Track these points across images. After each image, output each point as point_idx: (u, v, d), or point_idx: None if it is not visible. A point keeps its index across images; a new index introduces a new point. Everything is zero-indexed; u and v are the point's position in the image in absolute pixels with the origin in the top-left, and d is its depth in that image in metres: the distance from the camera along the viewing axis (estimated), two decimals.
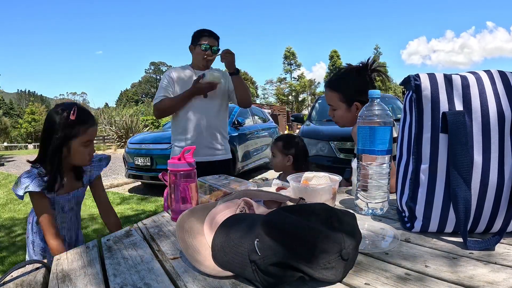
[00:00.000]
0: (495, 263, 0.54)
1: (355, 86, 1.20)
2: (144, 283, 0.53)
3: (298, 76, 50.45)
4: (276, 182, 1.09)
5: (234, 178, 1.07)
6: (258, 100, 49.36)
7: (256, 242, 0.50)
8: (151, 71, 72.37)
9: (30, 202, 1.29)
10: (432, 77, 0.66)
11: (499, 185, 0.62)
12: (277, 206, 0.79)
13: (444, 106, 0.64)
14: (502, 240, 0.62)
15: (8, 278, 0.60)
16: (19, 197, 1.12)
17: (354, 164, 0.92)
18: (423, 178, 0.66)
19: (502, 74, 0.64)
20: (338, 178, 0.91)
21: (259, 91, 54.58)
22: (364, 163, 0.81)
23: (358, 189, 0.84)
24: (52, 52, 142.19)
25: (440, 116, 0.64)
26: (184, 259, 0.61)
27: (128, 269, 0.59)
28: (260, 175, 6.36)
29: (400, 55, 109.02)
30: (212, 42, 1.95)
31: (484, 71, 0.66)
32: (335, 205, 0.92)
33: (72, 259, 0.66)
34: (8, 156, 13.62)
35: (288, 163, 1.83)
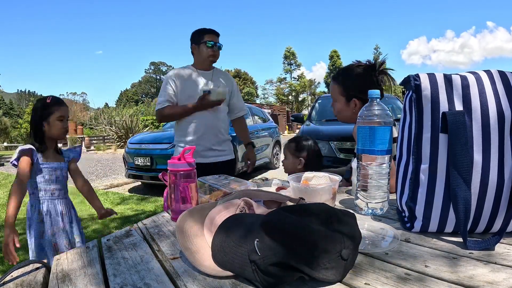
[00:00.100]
0: (495, 263, 0.54)
1: (357, 83, 1.20)
2: (144, 283, 0.53)
3: (298, 76, 50.43)
4: (276, 182, 1.09)
5: (234, 178, 1.07)
6: (258, 100, 49.35)
7: (256, 242, 0.50)
8: (151, 71, 72.39)
9: None
10: (432, 77, 0.66)
11: (499, 185, 0.62)
12: (277, 206, 0.79)
13: (444, 106, 0.64)
14: (502, 240, 0.62)
15: (8, 278, 0.60)
16: (15, 160, 1.46)
17: (354, 164, 0.92)
18: (423, 178, 0.66)
19: (502, 74, 0.64)
20: (338, 178, 0.91)
21: (259, 91, 54.59)
22: (364, 163, 0.81)
23: (358, 189, 0.84)
24: (52, 52, 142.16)
25: (440, 116, 0.64)
26: (184, 259, 0.61)
27: (128, 269, 0.59)
28: (260, 175, 6.36)
29: (400, 55, 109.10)
30: (216, 39, 1.94)
31: (484, 71, 0.66)
32: (335, 205, 0.92)
33: (72, 259, 0.66)
34: (8, 156, 13.59)
35: (299, 166, 1.74)
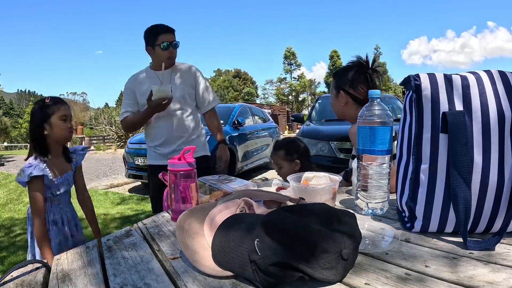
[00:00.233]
0: (495, 263, 0.54)
1: (346, 76, 1.26)
2: (144, 283, 0.53)
3: (298, 76, 50.46)
4: (276, 182, 1.09)
5: (234, 178, 1.07)
6: (258, 100, 49.36)
7: (256, 242, 0.50)
8: None
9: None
10: (432, 77, 0.66)
11: (499, 185, 0.62)
12: (277, 206, 0.79)
13: (444, 106, 0.64)
14: (502, 240, 0.62)
15: (8, 278, 0.60)
16: (23, 184, 1.30)
17: (354, 164, 0.92)
18: (423, 178, 0.66)
19: (502, 74, 0.64)
20: (338, 178, 0.91)
21: (259, 91, 54.60)
22: (364, 163, 0.81)
23: (358, 189, 0.84)
24: (52, 52, 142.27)
25: (440, 116, 0.64)
26: (184, 259, 0.61)
27: (128, 269, 0.59)
28: (260, 175, 6.36)
29: (400, 55, 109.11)
30: (171, 38, 1.76)
31: (484, 71, 0.66)
32: (335, 205, 0.92)
33: (72, 259, 0.66)
34: (8, 156, 13.62)
35: (296, 167, 1.75)
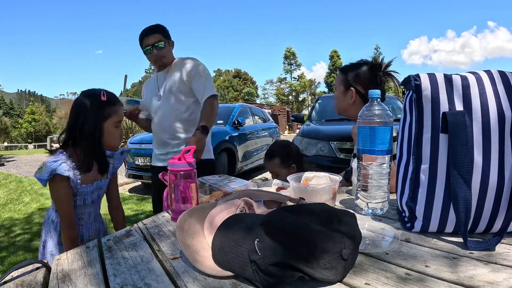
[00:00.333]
0: (495, 263, 0.54)
1: (358, 74, 1.22)
2: (144, 283, 0.53)
3: (298, 76, 50.46)
4: (276, 182, 1.09)
5: (234, 178, 1.07)
6: (258, 100, 49.37)
7: (256, 242, 0.50)
8: (151, 71, 72.43)
9: (31, 202, 1.28)
10: (432, 77, 0.66)
11: (499, 185, 0.61)
12: (277, 206, 0.79)
13: (444, 106, 0.64)
14: (502, 240, 0.62)
15: (8, 278, 0.60)
16: (43, 182, 1.07)
17: (354, 164, 0.92)
18: (423, 178, 0.66)
19: (502, 74, 0.64)
20: (338, 178, 0.91)
21: (259, 91, 54.60)
22: (364, 163, 0.81)
23: (358, 189, 0.84)
24: (52, 52, 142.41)
25: (440, 116, 0.64)
26: (184, 259, 0.61)
27: (128, 269, 0.59)
28: (260, 175, 6.36)
29: (400, 55, 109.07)
30: (152, 40, 1.70)
31: (484, 71, 0.66)
32: (335, 205, 0.92)
33: (72, 259, 0.66)
34: (8, 156, 13.62)
35: (293, 171, 1.73)
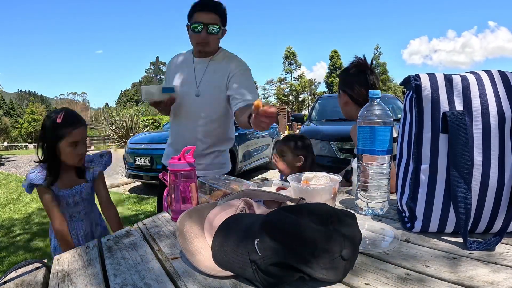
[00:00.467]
0: (495, 263, 0.54)
1: (346, 77, 1.30)
2: (144, 283, 0.53)
3: (299, 76, 50.44)
4: (276, 182, 1.09)
5: (234, 178, 1.07)
6: None
7: (256, 242, 0.50)
8: (151, 71, 72.43)
9: (31, 202, 1.37)
10: (432, 77, 0.66)
11: (499, 185, 0.62)
12: (277, 206, 0.79)
13: (444, 106, 0.64)
14: (502, 240, 0.62)
15: (8, 278, 0.60)
16: (26, 190, 1.27)
17: (354, 164, 0.92)
18: (423, 178, 0.66)
19: (502, 74, 0.64)
20: (338, 178, 0.91)
21: (259, 91, 54.60)
22: (365, 163, 0.81)
23: (358, 189, 0.84)
24: (52, 52, 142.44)
25: (440, 116, 0.64)
26: (184, 259, 0.61)
27: (128, 269, 0.59)
28: (260, 175, 6.36)
29: (401, 54, 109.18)
30: (207, 19, 1.36)
31: (484, 71, 0.66)
32: (335, 205, 0.92)
33: (72, 259, 0.66)
34: (8, 156, 13.62)
35: (298, 163, 1.71)
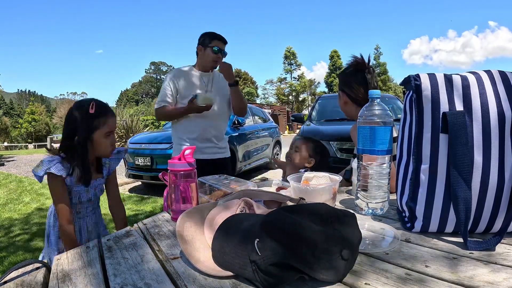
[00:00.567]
0: (495, 263, 0.54)
1: (344, 76, 1.32)
2: (144, 283, 0.53)
3: (299, 76, 50.43)
4: (276, 182, 1.09)
5: (234, 178, 1.07)
6: (258, 100, 49.35)
7: (256, 242, 0.50)
8: (151, 71, 72.39)
9: (31, 202, 1.31)
10: (432, 77, 0.66)
11: (499, 185, 0.61)
12: (277, 206, 0.79)
13: (444, 106, 0.64)
14: (502, 240, 0.62)
15: (8, 278, 0.60)
16: (38, 178, 1.17)
17: (354, 164, 0.92)
18: (423, 178, 0.66)
19: (503, 74, 0.64)
20: (338, 178, 0.91)
21: (259, 91, 54.59)
22: (365, 163, 0.81)
23: (358, 189, 0.84)
24: (52, 52, 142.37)
25: (441, 116, 0.64)
26: (184, 259, 0.61)
27: (128, 269, 0.59)
28: (260, 175, 6.36)
29: (401, 54, 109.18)
30: (223, 47, 2.05)
31: (484, 71, 0.66)
32: (335, 205, 0.92)
33: (72, 259, 0.66)
34: (8, 156, 13.62)
35: (307, 164, 1.69)
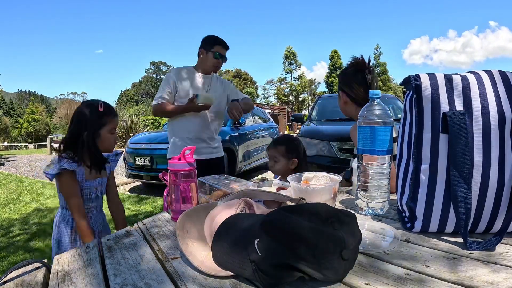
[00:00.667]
0: (495, 263, 0.54)
1: (344, 76, 1.32)
2: (144, 283, 0.53)
3: (299, 76, 50.43)
4: (276, 182, 1.09)
5: (234, 178, 1.07)
6: (258, 100, 49.35)
7: (256, 242, 0.50)
8: (151, 71, 72.35)
9: (31, 202, 1.33)
10: (432, 77, 0.66)
11: (499, 185, 0.61)
12: (277, 206, 0.79)
13: (444, 106, 0.64)
14: (502, 240, 0.62)
15: (8, 278, 0.60)
16: (50, 176, 1.24)
17: (354, 164, 0.92)
18: (423, 178, 0.66)
19: (503, 74, 0.64)
20: (338, 178, 0.91)
21: (259, 91, 54.60)
22: (365, 163, 0.81)
23: (358, 189, 0.84)
24: (52, 52, 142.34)
25: (441, 116, 0.64)
26: (184, 259, 0.61)
27: (128, 269, 0.59)
28: (260, 175, 6.36)
29: (401, 54, 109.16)
30: (224, 52, 2.09)
31: (484, 71, 0.66)
32: (335, 205, 0.92)
33: (72, 259, 0.66)
34: (8, 156, 13.62)
35: (292, 166, 1.72)
